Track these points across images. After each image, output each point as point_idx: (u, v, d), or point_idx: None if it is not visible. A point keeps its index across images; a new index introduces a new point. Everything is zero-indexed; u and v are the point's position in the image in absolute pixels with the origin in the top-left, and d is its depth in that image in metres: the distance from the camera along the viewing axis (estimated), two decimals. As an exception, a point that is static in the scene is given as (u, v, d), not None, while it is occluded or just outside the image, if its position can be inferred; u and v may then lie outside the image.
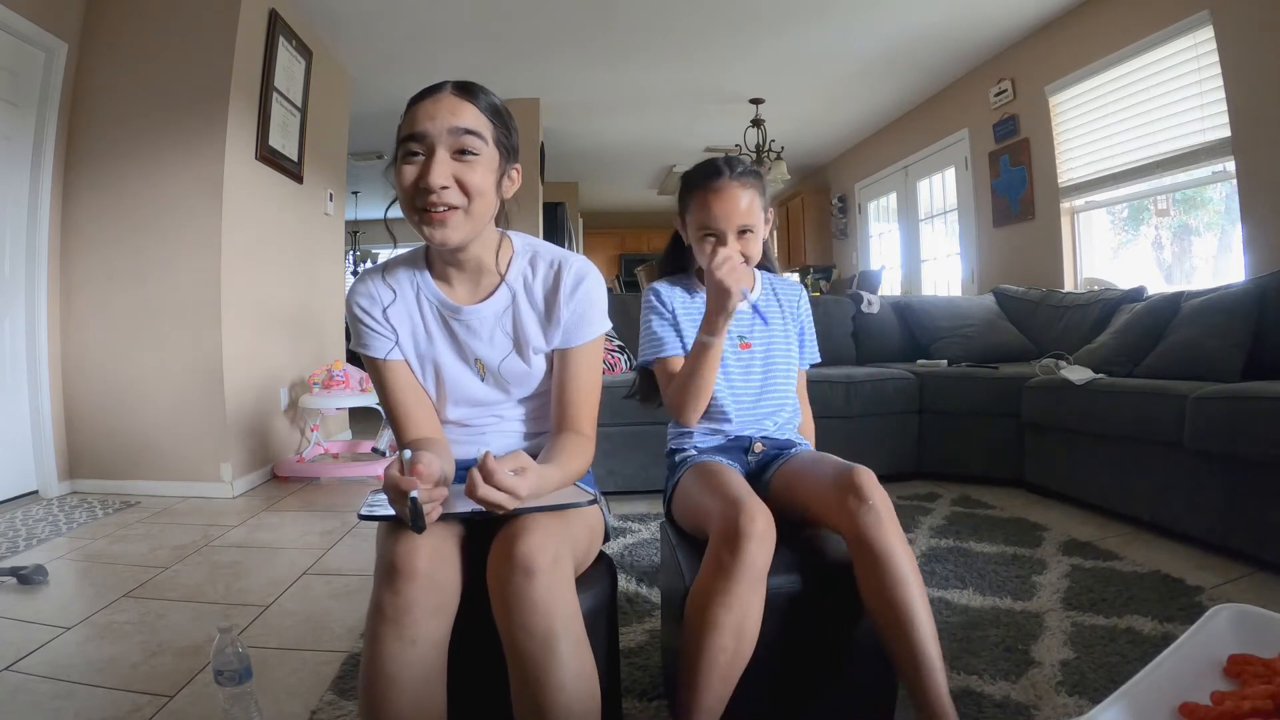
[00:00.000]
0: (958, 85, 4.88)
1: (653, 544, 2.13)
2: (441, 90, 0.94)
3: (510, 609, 0.82)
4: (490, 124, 0.95)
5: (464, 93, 0.95)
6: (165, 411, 2.95)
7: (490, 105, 0.97)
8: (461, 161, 0.92)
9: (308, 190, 3.76)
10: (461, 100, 0.94)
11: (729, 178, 1.22)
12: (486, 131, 0.94)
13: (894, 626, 0.96)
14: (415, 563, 0.82)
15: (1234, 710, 0.60)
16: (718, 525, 1.00)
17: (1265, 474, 1.80)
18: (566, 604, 0.84)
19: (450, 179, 0.91)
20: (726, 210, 1.21)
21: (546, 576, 0.82)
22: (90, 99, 2.97)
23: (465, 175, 0.92)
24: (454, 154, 0.92)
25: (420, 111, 0.92)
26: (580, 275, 1.06)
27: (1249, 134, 2.86)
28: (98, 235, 2.97)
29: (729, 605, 0.95)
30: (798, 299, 1.40)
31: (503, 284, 1.05)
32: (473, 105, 0.94)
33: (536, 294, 1.06)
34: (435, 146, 0.91)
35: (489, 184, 0.95)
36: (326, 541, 2.25)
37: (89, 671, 1.38)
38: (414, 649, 0.81)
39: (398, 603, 0.81)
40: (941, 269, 5.46)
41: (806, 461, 1.19)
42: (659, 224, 10.20)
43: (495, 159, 0.96)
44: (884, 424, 2.94)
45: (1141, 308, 2.64)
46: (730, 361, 1.30)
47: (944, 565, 1.90)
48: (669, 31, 4.04)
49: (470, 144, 0.92)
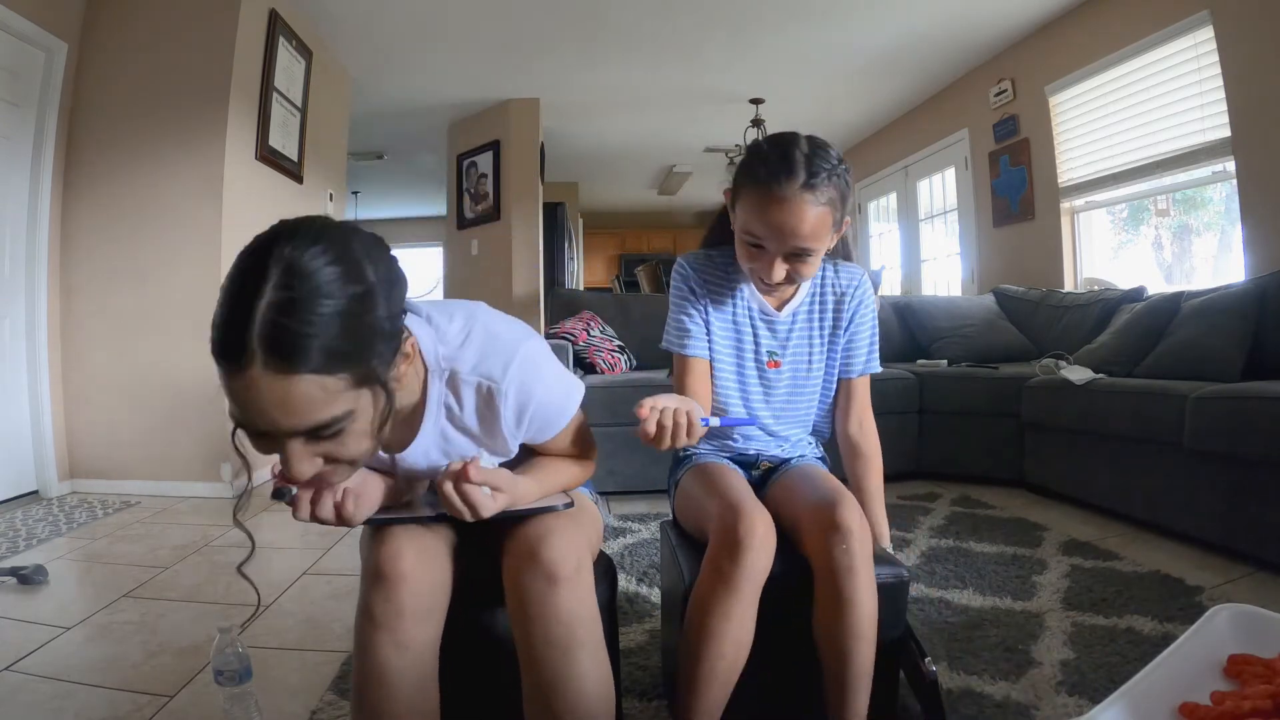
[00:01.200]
0: (958, 85, 4.87)
1: (653, 544, 2.13)
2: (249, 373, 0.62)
3: (532, 617, 0.81)
4: (337, 379, 0.64)
5: (280, 370, 0.62)
6: (165, 411, 2.95)
7: (324, 356, 0.63)
8: (325, 440, 0.68)
9: (307, 190, 3.76)
10: (281, 380, 0.62)
11: (800, 186, 0.97)
12: (340, 401, 0.66)
13: (832, 664, 0.96)
14: (400, 566, 0.80)
15: (1234, 710, 0.60)
16: (717, 530, 0.99)
17: (1265, 474, 1.80)
18: (590, 612, 0.83)
19: (319, 464, 0.70)
20: (783, 227, 0.98)
21: (571, 585, 0.81)
22: (90, 99, 2.97)
23: (336, 452, 0.70)
24: (309, 440, 0.67)
25: (249, 414, 0.65)
26: (522, 401, 0.85)
27: (1249, 134, 2.86)
28: (98, 235, 2.97)
29: (728, 614, 0.94)
30: (855, 292, 1.18)
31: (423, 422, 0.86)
32: (297, 385, 0.62)
33: (468, 422, 0.87)
34: (282, 443, 0.67)
35: (364, 441, 0.71)
36: (326, 541, 2.25)
37: (89, 671, 1.38)
38: (405, 654, 0.80)
39: (386, 608, 0.79)
40: (941, 269, 5.45)
41: (798, 478, 1.12)
42: (659, 224, 10.21)
43: (367, 409, 0.69)
44: (884, 424, 2.87)
45: (1141, 308, 2.64)
46: (750, 381, 1.19)
47: (944, 565, 1.90)
48: (669, 31, 4.04)
49: (328, 434, 0.67)
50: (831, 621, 0.96)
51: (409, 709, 0.80)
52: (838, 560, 0.95)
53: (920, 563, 1.94)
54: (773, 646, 1.01)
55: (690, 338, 1.16)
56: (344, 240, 0.67)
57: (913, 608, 1.58)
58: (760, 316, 1.19)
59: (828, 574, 0.96)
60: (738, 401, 1.19)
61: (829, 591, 0.96)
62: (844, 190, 1.03)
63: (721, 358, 1.18)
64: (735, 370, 1.19)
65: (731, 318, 1.18)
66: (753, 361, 1.19)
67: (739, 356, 1.19)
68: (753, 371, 1.19)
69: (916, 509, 2.51)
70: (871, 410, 1.26)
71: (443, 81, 4.65)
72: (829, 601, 0.96)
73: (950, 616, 1.58)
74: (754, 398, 1.19)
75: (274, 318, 0.61)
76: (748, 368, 1.19)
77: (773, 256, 1.02)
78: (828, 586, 0.96)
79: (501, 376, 0.84)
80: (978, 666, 1.33)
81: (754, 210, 1.01)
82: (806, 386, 1.21)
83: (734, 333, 1.18)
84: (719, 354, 1.18)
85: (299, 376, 0.62)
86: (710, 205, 9.66)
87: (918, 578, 1.81)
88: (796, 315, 1.20)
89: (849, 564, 0.95)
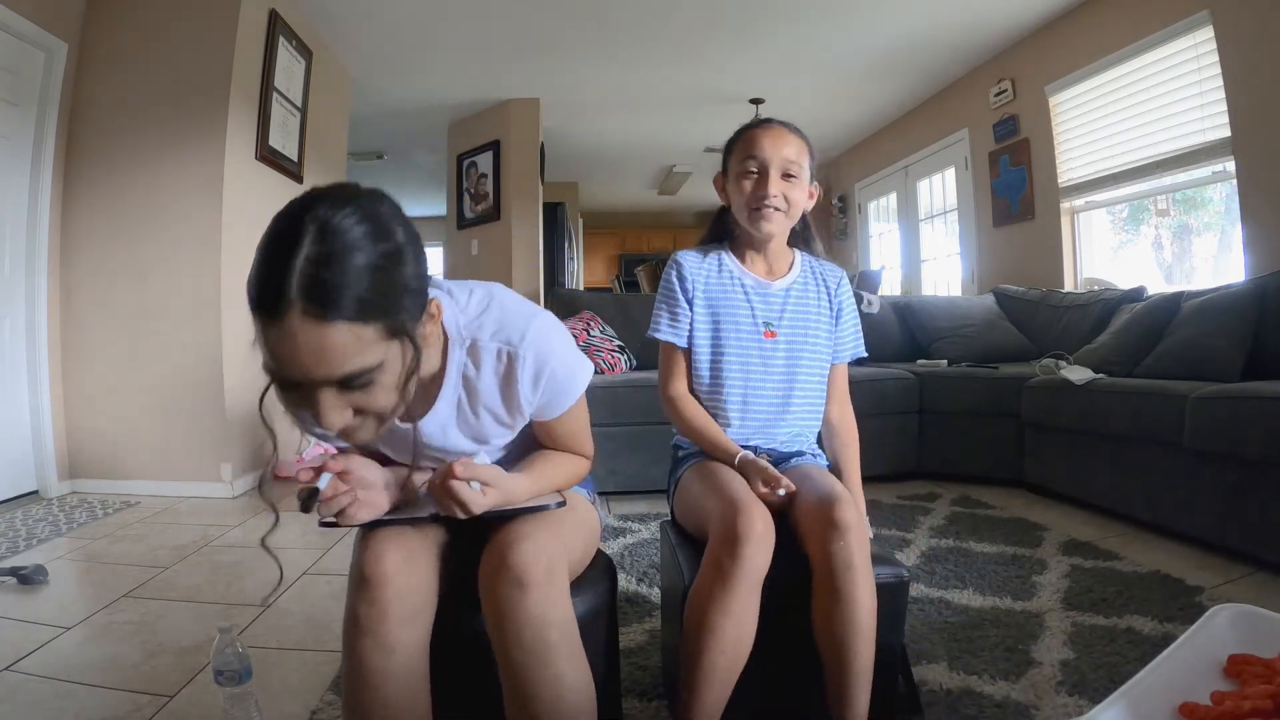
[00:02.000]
0: (958, 85, 4.88)
1: (653, 544, 2.13)
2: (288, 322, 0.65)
3: (503, 622, 0.81)
4: (370, 329, 0.69)
5: (318, 316, 0.65)
6: (165, 411, 2.95)
7: (357, 305, 0.67)
8: (355, 391, 0.71)
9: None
10: (318, 327, 0.65)
11: (778, 123, 1.22)
12: (372, 351, 0.70)
13: (833, 662, 0.97)
14: (385, 569, 0.81)
15: (1234, 710, 0.60)
16: (717, 527, 0.99)
17: (1265, 474, 1.80)
18: (562, 616, 0.82)
19: (348, 415, 0.73)
20: (774, 143, 1.19)
21: (541, 590, 0.80)
22: (90, 98, 2.97)
23: (365, 404, 0.73)
24: (341, 391, 0.71)
25: (285, 364, 0.68)
26: (539, 364, 0.88)
27: (1249, 134, 2.86)
28: (97, 235, 2.97)
29: (727, 610, 0.95)
30: (841, 284, 1.31)
31: (442, 389, 0.88)
32: (332, 333, 0.66)
33: (487, 388, 0.89)
34: (314, 393, 0.70)
35: (392, 395, 0.74)
36: (326, 541, 2.25)
37: (89, 671, 1.38)
38: (393, 658, 0.79)
39: (371, 612, 0.79)
40: (941, 269, 5.45)
41: (797, 477, 1.13)
42: (659, 224, 10.20)
43: (395, 361, 0.73)
44: (884, 424, 2.94)
45: (1141, 308, 2.64)
46: (751, 353, 1.23)
47: (944, 565, 1.90)
48: (669, 31, 4.04)
49: (359, 384, 0.71)
50: (830, 618, 0.97)
51: (398, 711, 0.80)
52: (836, 557, 0.96)
53: (920, 563, 1.94)
54: (774, 644, 1.01)
55: (661, 324, 1.25)
56: (373, 203, 0.72)
57: (913, 608, 1.59)
58: (755, 290, 1.25)
59: (826, 571, 0.97)
60: (738, 380, 1.22)
61: (828, 588, 0.97)
62: (812, 152, 1.23)
63: (720, 331, 1.23)
64: (735, 342, 1.23)
65: (724, 293, 1.24)
66: (750, 331, 1.24)
67: (736, 328, 1.23)
68: (752, 344, 1.24)
69: (916, 509, 2.51)
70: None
71: (442, 81, 4.65)
72: (828, 598, 0.97)
73: (950, 616, 1.58)
74: (754, 371, 1.23)
75: (311, 269, 0.65)
76: (745, 339, 1.23)
77: (769, 178, 1.18)
78: (826, 583, 0.97)
79: (520, 342, 0.87)
80: (978, 666, 1.33)
81: (746, 146, 1.21)
82: (807, 358, 1.25)
83: (728, 306, 1.24)
84: (718, 329, 1.23)
85: (334, 324, 0.66)
86: (710, 205, 9.60)
87: (918, 578, 1.81)
88: (790, 290, 1.25)
89: (847, 560, 0.96)
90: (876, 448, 2.90)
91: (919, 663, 1.35)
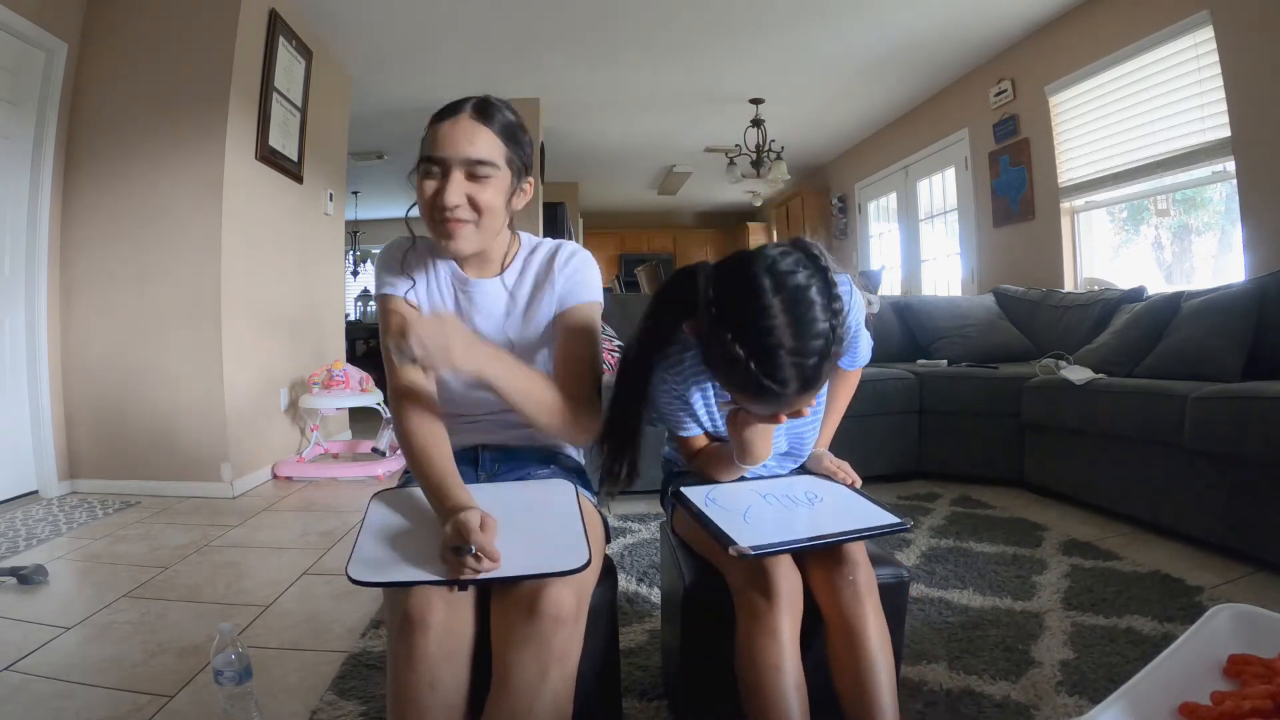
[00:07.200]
0: (958, 85, 4.87)
1: (653, 544, 2.13)
2: (460, 113, 0.98)
3: (522, 650, 0.83)
4: (504, 147, 1.00)
5: (481, 116, 0.99)
6: (165, 411, 2.95)
7: (506, 127, 1.01)
8: (475, 181, 0.98)
9: (308, 190, 3.76)
10: (478, 125, 0.98)
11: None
12: (499, 156, 1.00)
13: (856, 704, 0.94)
14: (429, 616, 0.83)
15: (1234, 710, 0.60)
16: (740, 588, 0.97)
17: (1265, 474, 1.81)
18: (578, 649, 0.87)
19: (464, 198, 0.98)
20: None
21: (571, 626, 0.85)
22: (90, 99, 2.97)
23: (478, 194, 0.98)
24: (468, 176, 0.98)
25: (440, 135, 0.98)
26: (573, 251, 1.13)
27: (1249, 134, 2.86)
28: (98, 235, 2.97)
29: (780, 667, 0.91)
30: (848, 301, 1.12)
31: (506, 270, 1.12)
32: (488, 130, 0.99)
33: (535, 269, 1.12)
34: (451, 169, 0.98)
35: (499, 202, 1.01)
36: (326, 541, 2.25)
37: (89, 671, 1.38)
38: (434, 693, 0.83)
39: (413, 653, 0.83)
40: (941, 269, 5.46)
41: None
42: (659, 224, 10.21)
43: (507, 179, 1.02)
44: (884, 424, 2.94)
45: (1141, 308, 2.64)
46: None
47: (944, 565, 1.90)
48: (669, 31, 4.04)
49: (483, 171, 0.98)
50: (845, 655, 0.95)
51: None
52: (843, 592, 0.96)
53: (920, 563, 1.94)
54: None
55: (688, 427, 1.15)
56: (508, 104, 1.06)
57: (913, 608, 1.59)
58: None
59: (835, 607, 0.96)
60: None
61: (839, 629, 0.96)
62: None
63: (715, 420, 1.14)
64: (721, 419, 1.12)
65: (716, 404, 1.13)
66: None
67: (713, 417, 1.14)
68: None
69: (916, 509, 2.51)
70: None
71: (443, 81, 4.65)
72: (841, 639, 0.96)
73: (950, 616, 1.58)
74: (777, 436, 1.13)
75: (479, 102, 1.01)
76: None
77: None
78: (836, 624, 0.96)
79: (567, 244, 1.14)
80: (978, 666, 1.33)
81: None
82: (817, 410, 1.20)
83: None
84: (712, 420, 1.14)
85: (487, 130, 0.99)
86: (710, 205, 9.67)
87: (918, 578, 1.81)
88: None
89: (855, 596, 0.95)
90: (876, 448, 2.91)
91: (919, 662, 1.35)
